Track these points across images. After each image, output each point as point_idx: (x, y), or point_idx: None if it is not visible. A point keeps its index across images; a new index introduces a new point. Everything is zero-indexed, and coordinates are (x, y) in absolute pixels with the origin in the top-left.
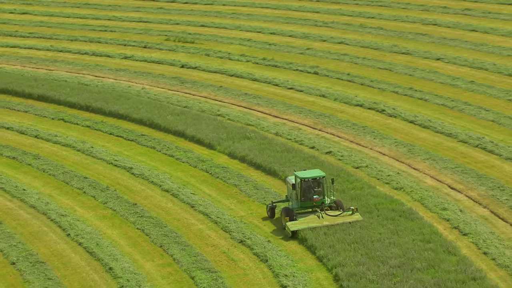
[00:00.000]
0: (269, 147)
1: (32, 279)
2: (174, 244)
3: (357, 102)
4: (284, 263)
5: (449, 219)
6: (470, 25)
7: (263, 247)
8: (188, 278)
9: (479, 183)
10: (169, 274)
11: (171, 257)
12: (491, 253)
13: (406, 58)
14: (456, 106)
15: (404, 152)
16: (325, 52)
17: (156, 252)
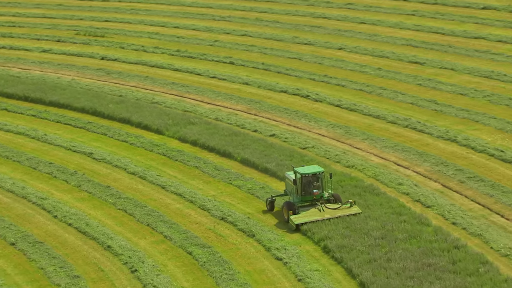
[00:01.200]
0: (216, 131)
1: (38, 258)
2: (160, 222)
3: (281, 89)
4: (271, 238)
5: (408, 193)
6: (357, 18)
7: (246, 223)
8: (186, 254)
9: (422, 160)
10: (166, 250)
11: (162, 235)
12: (460, 223)
13: (310, 48)
14: (373, 91)
15: (342, 133)
16: (233, 44)
17: (145, 230)
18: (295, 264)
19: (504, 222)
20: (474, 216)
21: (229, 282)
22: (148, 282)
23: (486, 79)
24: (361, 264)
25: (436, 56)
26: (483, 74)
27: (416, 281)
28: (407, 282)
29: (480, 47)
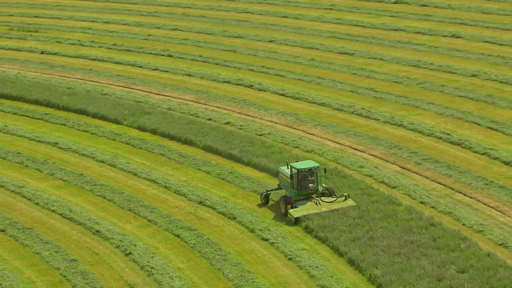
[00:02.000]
0: (174, 120)
1: (31, 244)
2: (141, 207)
3: (224, 79)
4: (252, 220)
5: (371, 175)
6: (279, 13)
7: (224, 206)
8: (174, 237)
9: (375, 144)
10: (153, 234)
11: (145, 219)
12: (427, 202)
13: (241, 41)
14: (312, 80)
15: (293, 120)
16: (166, 38)
17: (128, 215)
18: (282, 244)
19: (468, 200)
20: (439, 195)
21: (223, 262)
22: (145, 264)
23: (415, 68)
24: (346, 242)
25: (363, 47)
26: (411, 63)
27: (403, 257)
28: (395, 259)
29: (401, 38)
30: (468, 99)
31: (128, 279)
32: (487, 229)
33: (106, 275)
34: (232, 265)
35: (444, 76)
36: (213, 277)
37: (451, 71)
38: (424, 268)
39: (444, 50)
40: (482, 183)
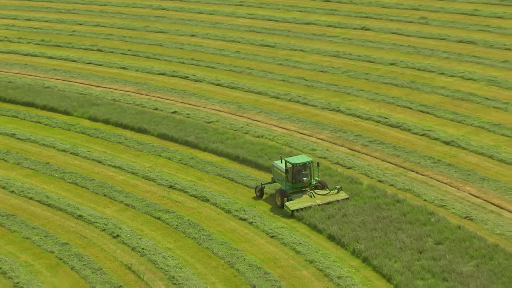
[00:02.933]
0: (123, 110)
1: (18, 229)
2: (115, 192)
3: (158, 72)
4: (225, 201)
5: (325, 157)
6: (193, 9)
7: (194, 189)
8: (155, 219)
9: (320, 128)
10: (134, 217)
11: (122, 204)
12: (385, 181)
13: (165, 36)
14: (243, 71)
15: (236, 108)
16: (92, 33)
17: (104, 200)
18: (260, 223)
19: (422, 177)
20: (394, 174)
21: (210, 241)
22: (135, 246)
23: (335, 58)
24: (322, 220)
25: (281, 40)
26: (331, 54)
27: (380, 232)
28: (373, 234)
29: (315, 31)
30: (393, 85)
31: (123, 259)
32: (448, 204)
33: (100, 256)
34: (219, 244)
35: (365, 65)
36: (203, 256)
37: (370, 60)
38: (403, 241)
39: (358, 42)
40: (430, 162)
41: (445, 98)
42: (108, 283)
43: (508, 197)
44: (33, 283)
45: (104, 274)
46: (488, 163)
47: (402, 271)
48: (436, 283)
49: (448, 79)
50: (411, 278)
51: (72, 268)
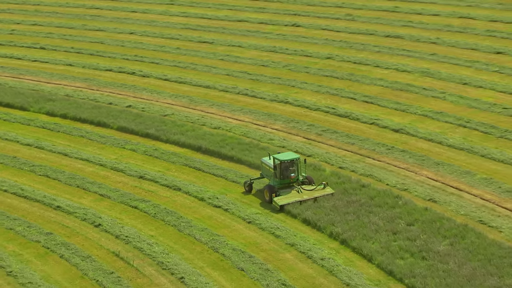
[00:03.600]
0: (79, 105)
1: (0, 221)
2: (87, 184)
3: (105, 68)
4: (197, 189)
5: (284, 146)
6: (127, 8)
7: (165, 179)
8: (132, 208)
9: (273, 119)
10: (111, 206)
11: (97, 194)
12: (346, 167)
13: (104, 34)
14: (187, 66)
15: (188, 102)
16: (31, 32)
17: (79, 191)
18: (236, 210)
19: (380, 163)
20: (352, 160)
21: (190, 228)
22: (118, 234)
23: (273, 53)
24: (294, 205)
25: (218, 36)
26: (268, 49)
27: (353, 215)
28: (347, 217)
29: (249, 28)
30: (334, 78)
31: (109, 247)
32: (410, 187)
33: (86, 245)
34: (199, 230)
35: (303, 59)
36: (187, 242)
37: (306, 54)
38: (377, 223)
39: (292, 37)
40: (384, 149)
41: (385, 89)
42: (100, 270)
43: (464, 179)
44: (26, 272)
45: (94, 262)
46: (439, 149)
47: (381, 251)
48: (416, 262)
49: (384, 71)
50: (391, 257)
51: (61, 257)
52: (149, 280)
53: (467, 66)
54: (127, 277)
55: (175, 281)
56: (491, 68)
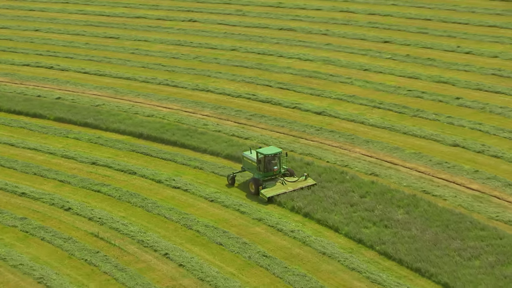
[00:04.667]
0: (9, 98)
1: None
2: (44, 171)
3: (22, 63)
4: (152, 173)
5: (219, 131)
6: (24, 7)
7: (117, 164)
8: (95, 192)
9: (201, 106)
10: (73, 191)
11: (56, 180)
12: (285, 147)
13: (9, 31)
14: (102, 60)
15: (114, 92)
16: None
17: (37, 178)
18: (195, 190)
19: (314, 143)
20: (288, 141)
21: (158, 208)
22: (91, 216)
23: (180, 46)
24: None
25: (122, 32)
26: (174, 43)
27: (308, 191)
28: (303, 192)
29: (148, 24)
30: (244, 67)
31: (86, 229)
32: (349, 163)
33: (62, 227)
34: (167, 210)
35: (209, 51)
36: (159, 221)
37: (211, 47)
38: (332, 197)
39: (192, 32)
40: (313, 130)
41: (295, 76)
42: (85, 250)
43: (396, 155)
44: (13, 254)
45: (77, 243)
46: (363, 128)
47: (345, 222)
48: (381, 230)
49: (288, 61)
50: (356, 227)
51: (42, 239)
52: (134, 257)
53: (362, 54)
54: (113, 255)
55: (160, 257)
56: (384, 55)
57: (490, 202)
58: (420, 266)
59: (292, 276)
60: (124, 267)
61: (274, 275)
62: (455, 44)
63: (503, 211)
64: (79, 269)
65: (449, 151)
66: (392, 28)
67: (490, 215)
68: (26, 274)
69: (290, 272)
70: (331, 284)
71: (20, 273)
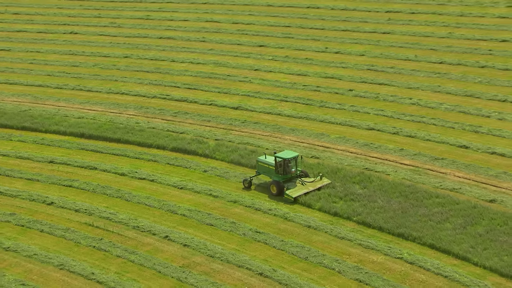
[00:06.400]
0: None
1: None
2: (7, 171)
3: None
4: (111, 167)
5: (153, 127)
6: None
7: (74, 161)
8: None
9: (124, 107)
10: (47, 188)
11: (23, 179)
12: (223, 139)
13: None
14: (5, 70)
15: (33, 98)
16: None
17: (4, 178)
18: (161, 180)
19: (245, 134)
20: (222, 133)
21: (136, 197)
22: (77, 208)
23: (74, 55)
24: (207, 169)
25: (9, 44)
26: (67, 53)
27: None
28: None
29: (34, 37)
30: (144, 72)
31: (78, 220)
32: (288, 149)
33: (54, 220)
34: (145, 198)
35: (104, 59)
36: (142, 209)
37: (104, 55)
38: None
39: (79, 42)
40: (239, 122)
41: (196, 78)
42: (88, 238)
43: (324, 140)
44: (22, 246)
45: (77, 232)
46: (282, 119)
47: (315, 199)
48: (351, 204)
49: (182, 65)
50: (327, 202)
51: (41, 231)
52: (137, 241)
53: (245, 57)
54: (117, 241)
55: (162, 240)
56: (266, 57)
57: (427, 174)
58: (402, 231)
59: (292, 248)
60: (134, 250)
61: (275, 248)
62: (322, 46)
63: (443, 181)
64: (91, 255)
65: (368, 134)
66: (260, 34)
67: (434, 185)
68: (44, 262)
69: (288, 244)
70: (330, 252)
71: (39, 262)
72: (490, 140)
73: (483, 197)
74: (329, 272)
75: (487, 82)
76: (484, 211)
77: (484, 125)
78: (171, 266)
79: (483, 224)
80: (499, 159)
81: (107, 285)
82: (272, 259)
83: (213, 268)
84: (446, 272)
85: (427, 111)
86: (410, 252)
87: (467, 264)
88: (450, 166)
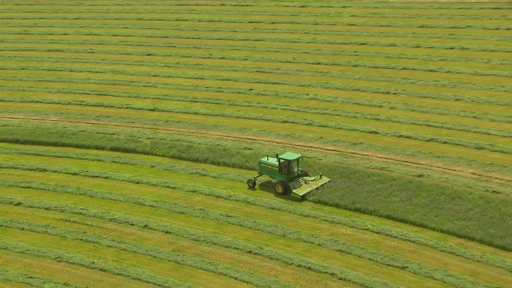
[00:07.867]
0: None
1: None
2: None
3: None
4: (61, 168)
5: (83, 131)
6: None
7: (21, 165)
8: (27, 189)
9: (44, 114)
10: (7, 191)
11: None
12: (156, 137)
13: None
14: None
15: None
16: None
17: None
18: (115, 176)
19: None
20: (152, 133)
21: (98, 193)
22: (47, 206)
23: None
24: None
25: None
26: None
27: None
28: None
29: None
30: (48, 81)
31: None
32: (220, 143)
33: (29, 218)
34: (107, 193)
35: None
36: (110, 203)
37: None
38: None
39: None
40: (162, 122)
41: (100, 85)
42: (72, 232)
43: (247, 133)
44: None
45: (58, 227)
46: (200, 117)
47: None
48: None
49: (82, 73)
50: None
51: (22, 229)
52: (120, 232)
53: (139, 65)
54: (100, 232)
55: (142, 229)
56: (158, 64)
57: (354, 157)
58: (359, 206)
59: (266, 227)
60: (121, 240)
61: (251, 228)
62: (206, 53)
63: (370, 162)
64: (82, 247)
65: (285, 126)
66: (143, 45)
67: (364, 165)
68: (40, 256)
69: (261, 224)
70: (302, 228)
71: (34, 257)
72: (391, 125)
73: (411, 173)
74: (310, 246)
75: (365, 78)
76: (420, 184)
77: (381, 114)
78: (163, 251)
79: (424, 196)
80: (408, 141)
81: (112, 271)
82: (252, 238)
83: (203, 250)
84: (412, 237)
85: (327, 104)
86: (373, 223)
87: (426, 230)
88: (370, 149)
